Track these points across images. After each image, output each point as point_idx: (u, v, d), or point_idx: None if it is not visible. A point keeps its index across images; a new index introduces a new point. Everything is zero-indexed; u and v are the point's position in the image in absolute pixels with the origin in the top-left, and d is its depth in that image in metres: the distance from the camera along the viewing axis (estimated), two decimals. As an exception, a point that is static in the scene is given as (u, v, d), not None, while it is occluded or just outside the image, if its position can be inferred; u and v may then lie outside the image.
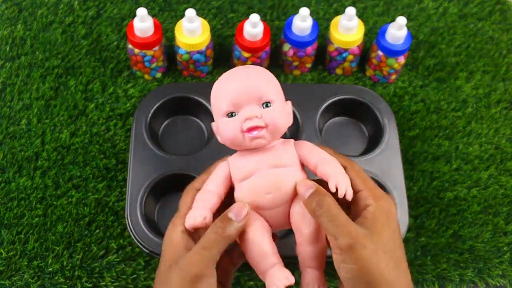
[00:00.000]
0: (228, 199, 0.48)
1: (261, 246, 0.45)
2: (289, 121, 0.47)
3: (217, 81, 0.47)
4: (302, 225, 0.45)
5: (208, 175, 0.48)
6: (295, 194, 0.46)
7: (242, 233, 0.45)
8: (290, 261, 0.65)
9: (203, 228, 0.45)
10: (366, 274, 0.41)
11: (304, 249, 0.45)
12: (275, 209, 0.46)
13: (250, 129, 0.44)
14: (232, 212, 0.44)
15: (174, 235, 0.44)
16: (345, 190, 0.43)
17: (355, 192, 0.45)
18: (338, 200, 0.44)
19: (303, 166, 0.47)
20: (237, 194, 0.47)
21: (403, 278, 0.42)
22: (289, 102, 0.48)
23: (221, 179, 0.47)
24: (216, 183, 0.47)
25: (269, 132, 0.45)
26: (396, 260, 0.42)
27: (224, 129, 0.46)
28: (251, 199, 0.46)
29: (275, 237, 0.49)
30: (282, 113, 0.46)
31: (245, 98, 0.45)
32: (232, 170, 0.47)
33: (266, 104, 0.45)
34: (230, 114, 0.45)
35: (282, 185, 0.45)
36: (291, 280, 0.44)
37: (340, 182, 0.44)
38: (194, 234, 0.46)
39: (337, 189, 0.43)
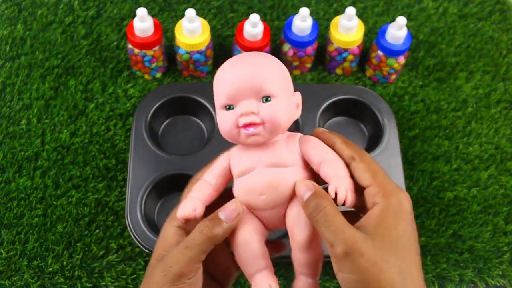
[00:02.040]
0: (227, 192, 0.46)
1: (250, 248, 0.43)
2: (295, 115, 0.44)
3: (219, 68, 0.44)
4: (296, 230, 0.42)
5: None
6: (293, 195, 0.43)
7: (232, 232, 0.43)
8: (291, 261, 0.65)
9: (194, 220, 0.43)
10: (364, 284, 0.38)
11: (297, 255, 0.42)
12: (269, 211, 0.43)
13: (246, 126, 0.41)
14: (223, 212, 0.42)
15: (167, 230, 0.43)
16: (345, 196, 0.40)
17: (363, 187, 0.41)
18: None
19: (307, 164, 0.44)
20: (234, 190, 0.44)
21: (412, 283, 0.39)
22: (297, 94, 0.45)
23: (220, 171, 0.44)
24: (214, 175, 0.44)
25: (267, 129, 0.41)
26: (402, 266, 0.39)
27: (221, 122, 0.43)
28: (244, 198, 0.43)
29: (279, 246, 0.47)
30: (285, 108, 0.42)
31: (242, 91, 0.41)
32: (231, 164, 0.44)
33: (266, 98, 0.41)
34: (228, 107, 0.42)
35: (278, 186, 0.42)
36: None
37: (340, 186, 0.41)
38: (190, 227, 0.44)
39: (336, 194, 0.40)
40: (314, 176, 0.44)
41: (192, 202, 0.43)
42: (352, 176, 0.42)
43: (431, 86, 0.79)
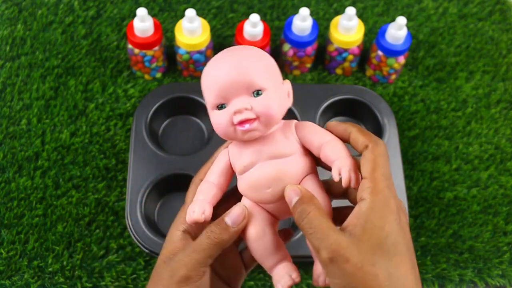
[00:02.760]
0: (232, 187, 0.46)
1: (265, 243, 0.43)
2: (287, 103, 0.44)
3: (205, 67, 0.43)
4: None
5: (211, 164, 0.46)
6: (299, 183, 0.43)
7: (244, 230, 0.43)
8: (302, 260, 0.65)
9: (204, 223, 0.43)
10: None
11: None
12: (277, 202, 0.43)
13: (241, 122, 0.41)
14: (229, 217, 0.42)
15: (173, 234, 0.44)
16: (349, 178, 0.40)
17: (362, 177, 0.40)
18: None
19: (306, 150, 0.44)
20: (239, 187, 0.44)
21: (401, 285, 0.38)
22: (287, 82, 0.44)
23: (221, 169, 0.45)
24: (216, 174, 0.45)
25: (262, 123, 0.41)
26: (390, 268, 0.38)
27: (215, 122, 0.42)
28: (250, 194, 0.43)
29: (288, 233, 0.47)
30: (277, 99, 0.42)
31: (232, 89, 0.41)
32: (232, 161, 0.44)
33: (257, 92, 0.41)
34: (220, 106, 0.42)
35: (283, 177, 0.42)
36: (296, 279, 0.43)
37: (343, 168, 0.40)
38: (197, 231, 0.44)
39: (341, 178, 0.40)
40: (315, 160, 0.44)
41: (199, 205, 0.43)
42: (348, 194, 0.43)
43: (431, 86, 0.79)
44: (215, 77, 0.42)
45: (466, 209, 0.70)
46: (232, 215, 0.42)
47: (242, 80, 0.41)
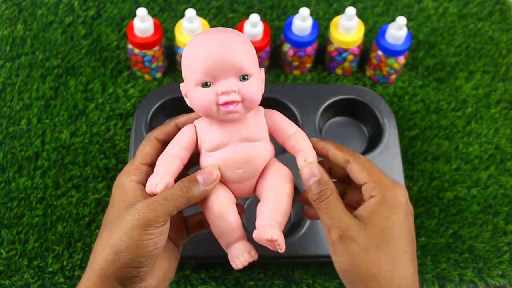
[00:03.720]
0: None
1: (228, 220, 0.45)
2: (263, 90, 0.46)
3: (191, 43, 0.44)
4: (275, 187, 0.45)
5: (171, 127, 0.48)
6: (263, 168, 0.46)
7: (206, 202, 0.45)
8: (291, 261, 0.66)
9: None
10: (353, 268, 0.41)
11: (269, 204, 0.45)
12: (242, 183, 0.46)
13: (226, 103, 0.42)
14: (201, 175, 0.44)
15: (127, 183, 0.45)
16: (311, 171, 0.44)
17: (360, 185, 0.44)
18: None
19: (270, 136, 0.47)
20: (204, 163, 0.46)
21: (401, 272, 0.41)
22: (262, 70, 0.46)
23: (186, 144, 0.46)
24: (180, 148, 0.46)
25: (245, 107, 0.43)
26: (392, 254, 0.41)
27: (197, 98, 0.43)
28: (221, 173, 0.45)
29: (241, 209, 0.49)
30: (260, 85, 0.44)
31: (222, 69, 0.42)
32: (200, 137, 0.46)
33: (244, 77, 0.43)
34: (205, 84, 0.43)
35: (253, 160, 0.45)
36: (254, 256, 0.45)
37: (309, 157, 0.45)
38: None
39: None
40: (275, 147, 0.48)
41: (162, 178, 0.44)
42: (349, 177, 0.46)
43: (431, 86, 0.79)
44: (205, 55, 0.42)
45: (466, 209, 0.70)
46: (205, 174, 0.44)
47: (234, 63, 0.42)
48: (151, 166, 0.47)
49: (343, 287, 0.64)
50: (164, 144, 0.48)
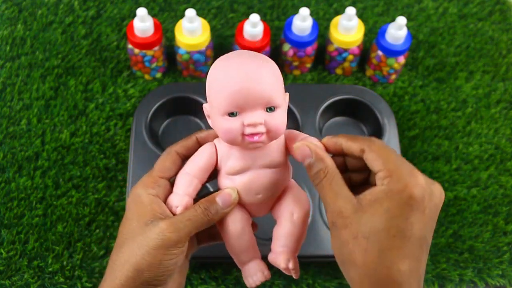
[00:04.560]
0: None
1: (243, 240, 0.46)
2: (286, 118, 0.45)
3: (217, 69, 0.43)
4: (292, 211, 0.46)
5: (192, 142, 0.47)
6: (281, 192, 0.47)
7: (222, 222, 0.46)
8: (302, 261, 0.65)
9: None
10: (341, 252, 0.41)
11: (286, 229, 0.46)
12: (259, 205, 0.46)
13: (251, 135, 0.42)
14: (220, 197, 0.45)
15: (144, 195, 0.45)
16: (305, 149, 0.43)
17: (374, 173, 0.42)
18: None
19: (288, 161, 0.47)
20: (223, 185, 0.46)
21: (388, 265, 0.39)
22: (287, 95, 0.45)
23: (205, 166, 0.45)
24: (199, 169, 0.45)
25: (269, 137, 0.43)
26: (383, 247, 0.39)
27: (222, 127, 0.43)
28: (239, 196, 0.46)
29: (254, 226, 0.49)
30: (285, 116, 0.44)
31: (250, 101, 0.41)
32: (220, 159, 0.45)
33: (271, 108, 0.42)
34: (231, 114, 0.42)
35: (273, 187, 0.45)
36: (267, 276, 0.46)
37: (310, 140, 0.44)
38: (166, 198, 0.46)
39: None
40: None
41: (181, 200, 0.45)
42: (367, 167, 0.43)
43: (431, 86, 0.79)
44: (233, 86, 0.41)
45: (466, 209, 0.70)
46: (223, 197, 0.45)
47: (262, 96, 0.41)
48: (169, 180, 0.46)
49: (343, 287, 0.64)
50: (184, 159, 0.47)
